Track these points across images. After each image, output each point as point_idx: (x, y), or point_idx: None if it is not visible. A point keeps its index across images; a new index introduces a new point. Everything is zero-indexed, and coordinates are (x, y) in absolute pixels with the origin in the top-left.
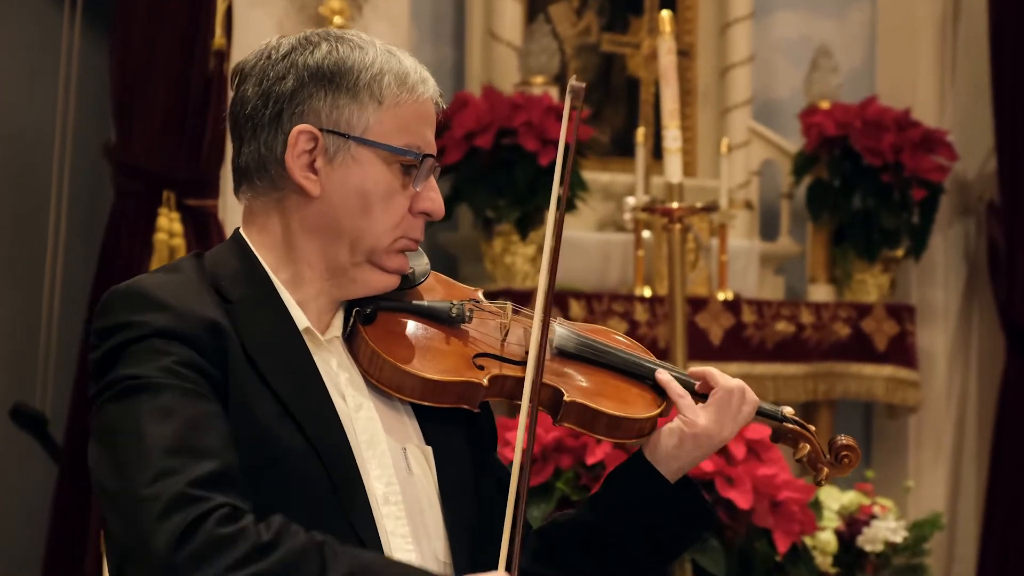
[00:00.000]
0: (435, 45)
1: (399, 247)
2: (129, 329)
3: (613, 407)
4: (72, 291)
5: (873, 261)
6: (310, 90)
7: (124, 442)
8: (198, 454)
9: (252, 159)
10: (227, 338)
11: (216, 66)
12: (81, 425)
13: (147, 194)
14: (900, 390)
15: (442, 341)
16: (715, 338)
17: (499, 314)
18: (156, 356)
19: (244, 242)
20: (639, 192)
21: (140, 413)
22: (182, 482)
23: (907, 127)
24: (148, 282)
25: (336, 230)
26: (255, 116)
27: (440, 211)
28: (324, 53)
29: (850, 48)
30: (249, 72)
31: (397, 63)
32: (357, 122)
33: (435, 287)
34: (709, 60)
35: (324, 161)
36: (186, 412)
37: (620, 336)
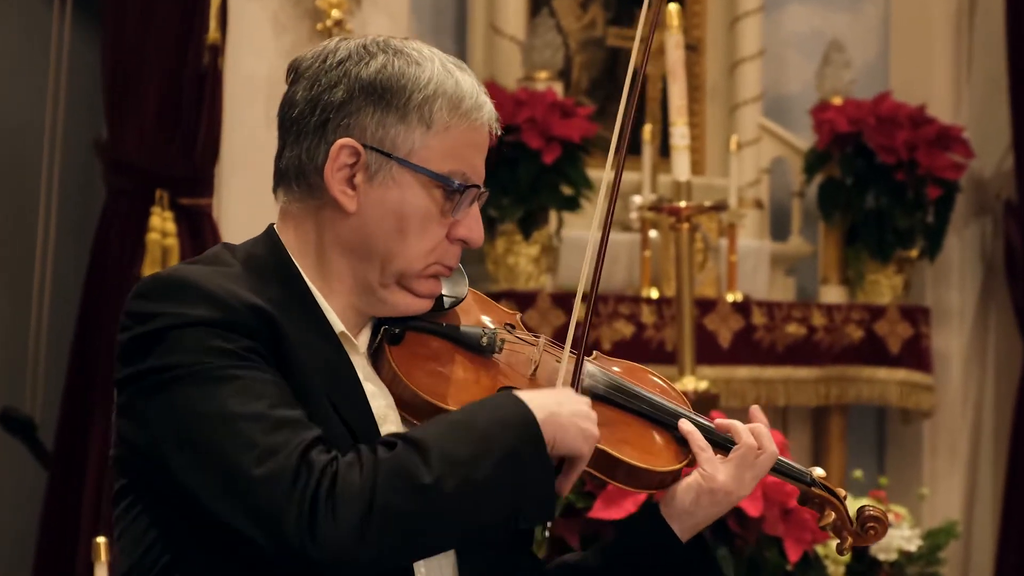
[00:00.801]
0: (436, 39)
1: (431, 272)
2: (172, 317)
3: (634, 456)
4: (62, 293)
5: (887, 262)
6: (359, 104)
7: (211, 429)
8: (293, 424)
9: (292, 164)
10: (279, 327)
11: (210, 61)
12: (72, 430)
13: (139, 192)
14: (914, 394)
15: (468, 370)
16: (724, 341)
17: (532, 345)
18: (208, 341)
19: (278, 240)
20: (646, 191)
21: (217, 397)
22: (294, 455)
23: (922, 123)
24: (190, 271)
25: (368, 249)
26: (300, 121)
27: (479, 240)
28: (379, 66)
29: (863, 42)
30: (302, 74)
31: (453, 85)
32: (402, 143)
33: (471, 308)
34: (718, 55)
35: (364, 178)
36: (264, 389)
37: (656, 377)
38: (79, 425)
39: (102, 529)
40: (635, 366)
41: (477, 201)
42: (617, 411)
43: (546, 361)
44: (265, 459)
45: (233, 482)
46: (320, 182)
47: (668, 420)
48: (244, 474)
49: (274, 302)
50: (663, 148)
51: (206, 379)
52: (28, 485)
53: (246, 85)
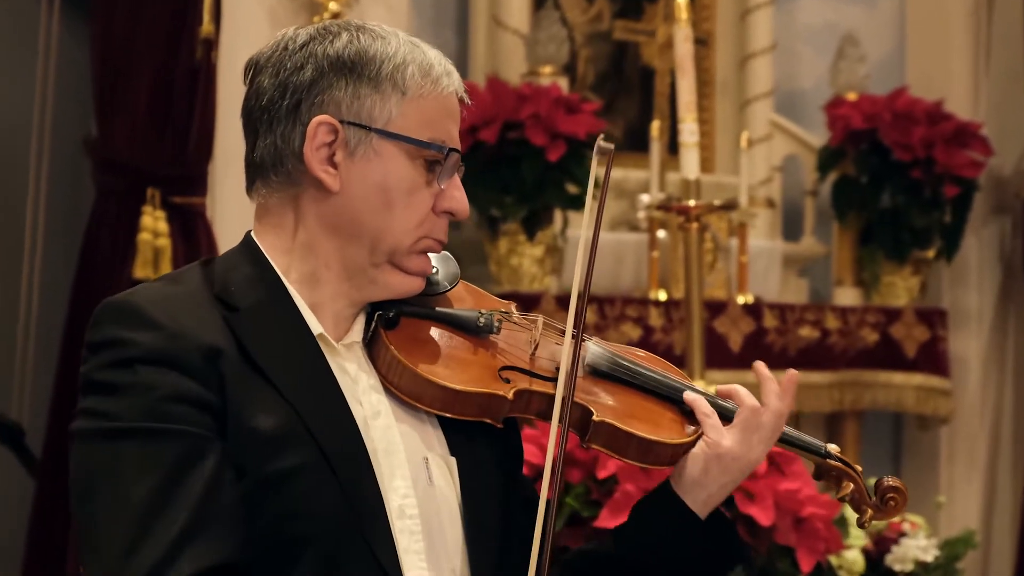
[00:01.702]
0: (437, 32)
1: (421, 247)
2: (117, 348)
3: (645, 430)
4: (51, 295)
5: (903, 262)
6: (330, 79)
7: (102, 487)
8: (174, 514)
9: (268, 153)
10: (223, 359)
11: (203, 55)
12: (60, 436)
13: (130, 191)
14: (931, 399)
15: (467, 351)
16: (734, 345)
17: (529, 328)
18: (141, 391)
19: (255, 245)
20: (654, 189)
21: (120, 460)
22: (156, 553)
23: (939, 120)
24: (144, 296)
25: (356, 228)
26: (271, 108)
27: (465, 211)
28: (344, 42)
29: (878, 36)
30: (264, 64)
31: (421, 54)
32: (379, 114)
33: (464, 297)
34: (728, 49)
35: (344, 154)
36: (167, 458)
37: (655, 359)
38: (67, 432)
39: None
40: (633, 349)
41: (457, 171)
42: (622, 387)
43: (546, 340)
44: (131, 548)
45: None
46: (300, 165)
47: (673, 394)
48: (108, 550)
49: (246, 312)
50: (672, 145)
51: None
52: (15, 493)
53: (241, 80)
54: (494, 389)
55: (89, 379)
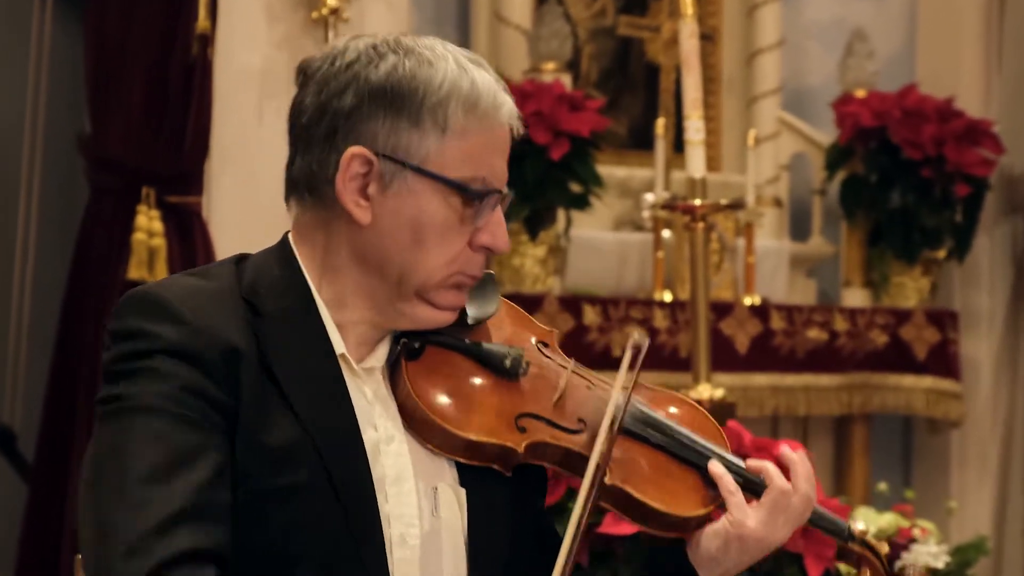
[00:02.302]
0: (437, 28)
1: (452, 283)
2: (139, 339)
3: (658, 498)
4: (43, 296)
5: (913, 263)
6: (369, 110)
7: (109, 464)
8: (175, 491)
9: (303, 173)
10: (243, 363)
11: (199, 51)
12: (53, 441)
13: (124, 190)
14: (942, 403)
15: (487, 392)
16: (741, 347)
17: (559, 371)
18: (159, 378)
19: (291, 251)
20: (659, 188)
21: (130, 436)
22: (152, 520)
23: (950, 117)
24: (170, 289)
25: (384, 262)
26: (309, 129)
27: (504, 247)
28: (389, 69)
29: (888, 31)
30: (311, 76)
31: (468, 85)
32: (416, 150)
33: (503, 322)
34: (735, 45)
35: (378, 188)
36: (176, 440)
37: (691, 406)
38: (61, 435)
39: None
40: (675, 396)
41: (500, 205)
42: (645, 447)
43: (574, 388)
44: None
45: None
46: (332, 193)
47: (698, 460)
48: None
49: (270, 318)
50: (677, 143)
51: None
52: (7, 499)
53: (237, 77)
54: (505, 440)
55: (109, 368)
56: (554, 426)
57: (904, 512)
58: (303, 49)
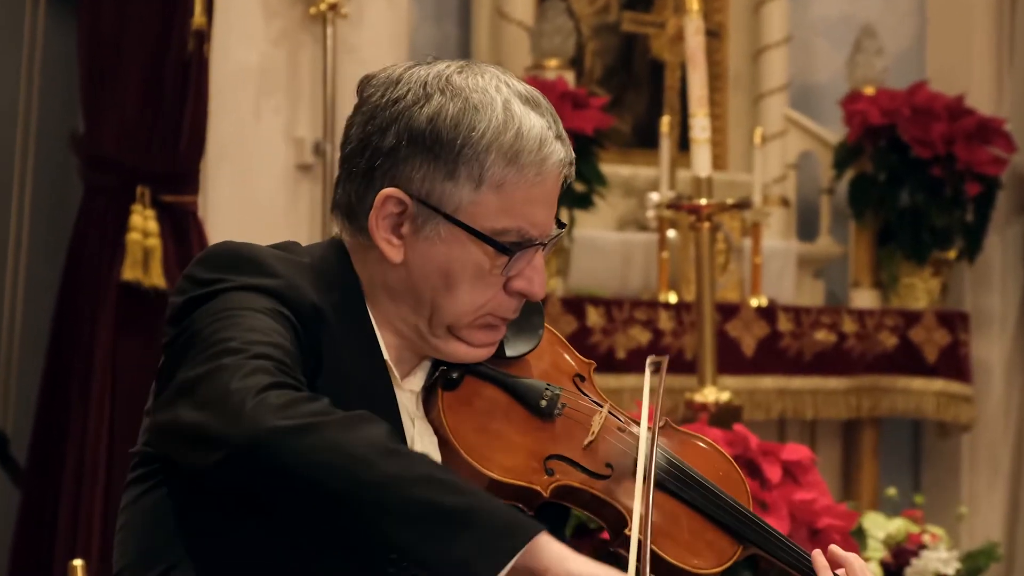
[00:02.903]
0: (438, 24)
1: (483, 323)
2: (228, 283)
3: (676, 554)
4: (36, 297)
5: (922, 263)
6: (407, 152)
7: (214, 343)
8: (294, 374)
9: (343, 202)
10: (328, 327)
11: (195, 47)
12: (46, 444)
13: (119, 190)
14: (952, 406)
15: (519, 429)
16: (747, 349)
17: (593, 412)
18: (259, 299)
19: (347, 254)
20: (663, 187)
21: (237, 324)
22: (273, 361)
23: (960, 115)
24: (261, 249)
25: (415, 300)
26: (352, 160)
27: (539, 293)
28: (432, 113)
29: (897, 28)
30: (365, 100)
31: (513, 136)
32: (449, 199)
33: (543, 353)
34: (741, 41)
35: (410, 229)
36: (285, 337)
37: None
38: (54, 439)
39: (79, 551)
40: (705, 445)
41: (543, 248)
42: (669, 498)
43: (606, 432)
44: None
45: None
46: (367, 227)
47: (724, 517)
48: (215, 363)
49: (333, 309)
50: (682, 141)
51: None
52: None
53: (234, 73)
54: (531, 482)
55: (194, 299)
56: (582, 470)
57: (914, 518)
58: (301, 45)
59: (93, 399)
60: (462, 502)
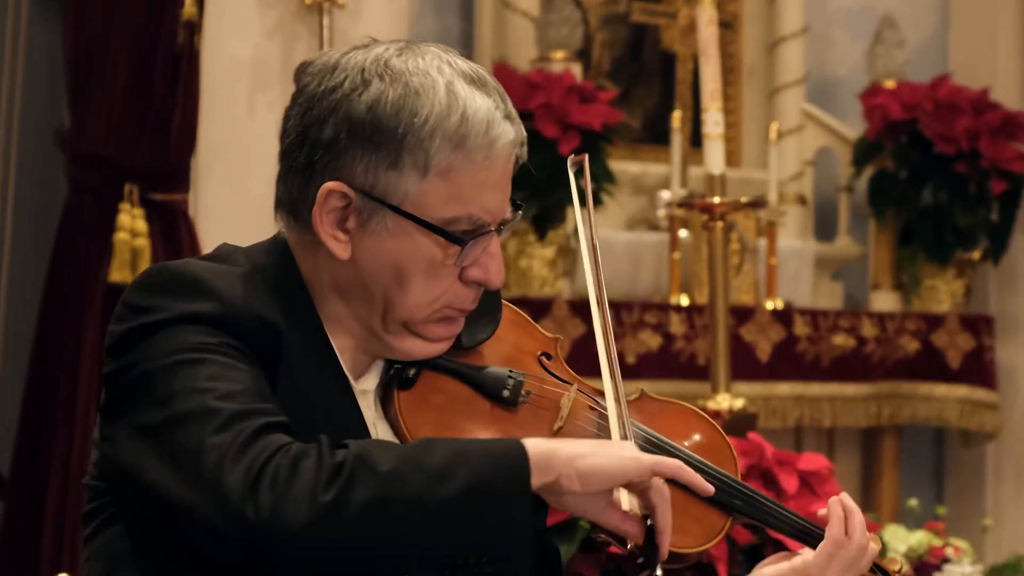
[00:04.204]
0: (439, 15)
1: (440, 317)
2: (170, 312)
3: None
4: (19, 299)
5: (945, 264)
6: (347, 144)
7: (182, 399)
8: (261, 410)
9: (285, 198)
10: (283, 345)
11: (186, 39)
12: (31, 453)
13: (106, 187)
14: (976, 414)
15: (483, 424)
16: (763, 354)
17: (562, 391)
18: (204, 335)
19: (289, 253)
20: (675, 185)
21: (196, 375)
22: (257, 423)
23: (984, 110)
24: (200, 267)
25: (366, 296)
26: (291, 155)
27: (497, 282)
28: (371, 100)
29: (919, 18)
30: (301, 90)
31: (458, 120)
32: (395, 190)
33: (504, 334)
34: (756, 32)
35: (356, 223)
36: (240, 377)
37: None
38: (38, 447)
39: (64, 564)
40: (684, 411)
41: (498, 234)
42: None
43: (576, 413)
44: (228, 425)
45: (185, 447)
46: (312, 222)
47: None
48: (199, 439)
49: (283, 319)
50: (694, 137)
51: (183, 363)
52: None
53: (226, 67)
54: None
55: (124, 339)
56: None
57: (936, 530)
58: (296, 38)
59: (79, 406)
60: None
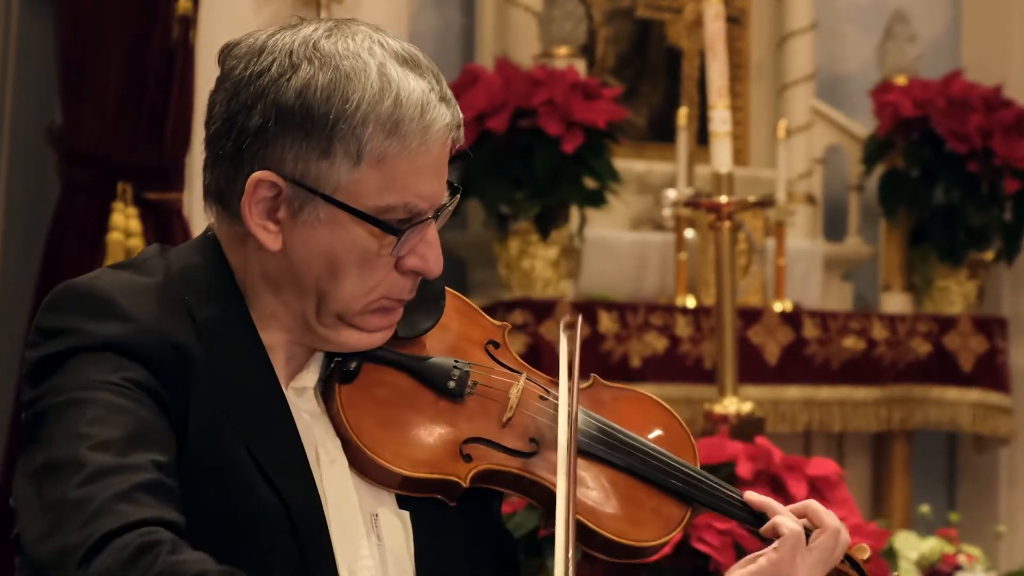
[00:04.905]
0: (439, 10)
1: (377, 308)
2: (78, 336)
3: (615, 528)
4: (10, 300)
5: (958, 265)
6: (276, 131)
7: (61, 443)
8: (138, 460)
9: (213, 187)
10: (194, 366)
11: (180, 34)
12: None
13: (99, 186)
14: (990, 418)
15: (428, 417)
16: (771, 357)
17: (509, 384)
18: (105, 369)
19: (219, 251)
20: (681, 184)
21: (80, 419)
22: (119, 483)
23: (998, 107)
24: (109, 282)
25: (299, 288)
26: (217, 141)
27: (435, 270)
28: (300, 86)
29: (931, 13)
30: (227, 74)
31: (391, 104)
32: (326, 179)
33: (449, 323)
34: (764, 27)
35: (287, 214)
36: (130, 419)
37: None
38: None
39: None
40: (639, 398)
41: (435, 220)
42: (603, 467)
43: (526, 403)
44: (89, 481)
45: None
46: (240, 213)
47: (665, 480)
48: (61, 493)
49: (204, 324)
50: (701, 135)
51: (72, 403)
52: None
53: None
54: (448, 473)
55: (38, 368)
56: (503, 450)
57: (948, 537)
58: None
59: None
60: None
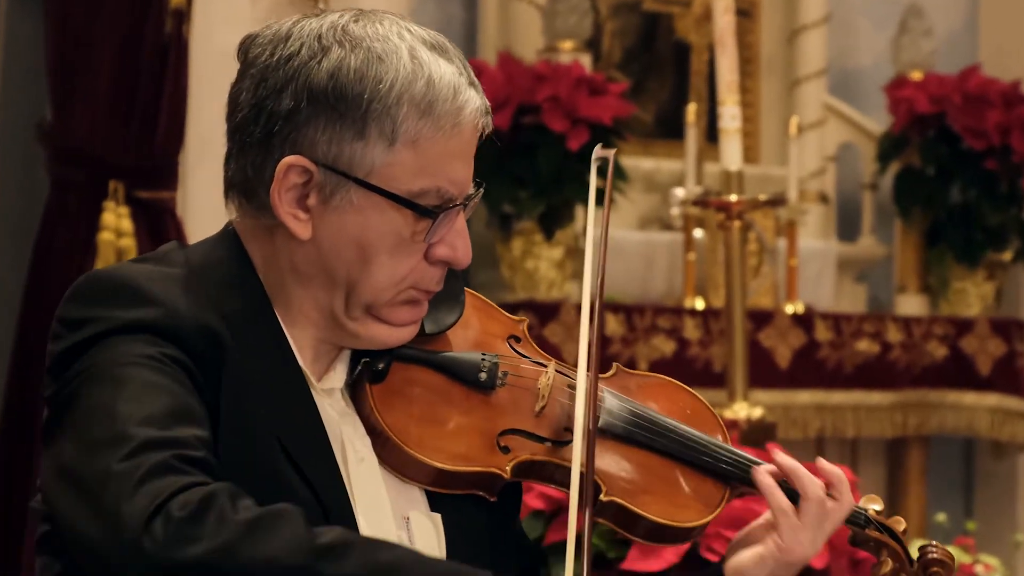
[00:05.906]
0: (440, 4)
1: (405, 299)
2: (107, 322)
3: (659, 511)
4: None
5: (975, 266)
6: (308, 114)
7: (99, 422)
8: (184, 433)
9: (239, 178)
10: (226, 351)
11: (174, 29)
12: (12, 457)
13: (90, 185)
14: (1008, 423)
15: (463, 410)
16: (782, 360)
17: (538, 375)
18: (139, 346)
19: (242, 248)
20: (690, 182)
21: (119, 395)
22: (165, 454)
23: (1016, 103)
24: (135, 271)
25: (329, 279)
26: (245, 129)
27: (465, 260)
28: (332, 68)
29: (947, 6)
30: (251, 63)
31: (424, 85)
32: (360, 162)
33: (469, 320)
34: (775, 21)
35: (318, 200)
36: (172, 392)
37: (689, 395)
38: (19, 454)
39: None
40: (664, 383)
41: (463, 211)
42: (639, 452)
43: (556, 392)
44: (134, 454)
45: (92, 475)
46: (269, 202)
47: (702, 461)
48: (105, 466)
49: (229, 318)
50: (710, 131)
51: (109, 380)
52: None
53: (216, 58)
54: (489, 466)
55: (71, 350)
56: (540, 440)
57: (965, 546)
58: None
59: None
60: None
